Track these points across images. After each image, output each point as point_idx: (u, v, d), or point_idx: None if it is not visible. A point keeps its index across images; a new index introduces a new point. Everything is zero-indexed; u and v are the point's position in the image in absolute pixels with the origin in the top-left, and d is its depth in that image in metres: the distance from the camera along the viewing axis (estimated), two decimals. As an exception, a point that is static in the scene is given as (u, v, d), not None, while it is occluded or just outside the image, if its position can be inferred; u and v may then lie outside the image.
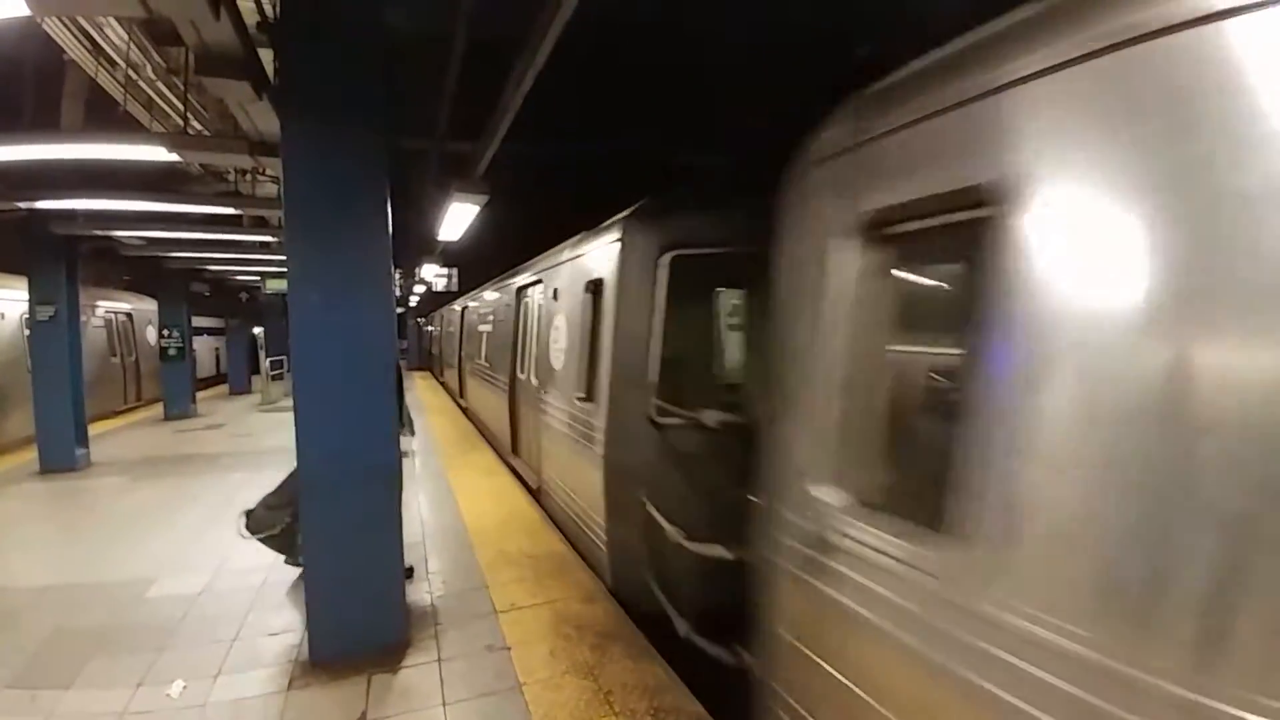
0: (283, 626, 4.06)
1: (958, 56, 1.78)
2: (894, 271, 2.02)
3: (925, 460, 1.90)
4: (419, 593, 4.49)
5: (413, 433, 5.17)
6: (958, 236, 1.71)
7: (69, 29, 4.33)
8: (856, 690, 1.87)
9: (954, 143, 1.68)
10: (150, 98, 5.56)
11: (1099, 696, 1.24)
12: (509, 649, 3.77)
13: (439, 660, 3.66)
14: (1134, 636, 1.21)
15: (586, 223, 5.35)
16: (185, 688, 3.41)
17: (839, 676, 1.95)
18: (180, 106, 5.14)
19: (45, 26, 4.19)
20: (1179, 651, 1.15)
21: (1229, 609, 1.10)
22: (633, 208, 4.50)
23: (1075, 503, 1.32)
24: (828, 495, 2.05)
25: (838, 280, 2.07)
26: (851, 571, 1.90)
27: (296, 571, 4.51)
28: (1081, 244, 1.35)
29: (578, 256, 5.41)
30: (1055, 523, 1.36)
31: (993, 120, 1.57)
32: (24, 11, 2.69)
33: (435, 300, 24.42)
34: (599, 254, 4.81)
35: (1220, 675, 1.10)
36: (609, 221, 4.80)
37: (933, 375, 2.17)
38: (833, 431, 2.07)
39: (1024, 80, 1.49)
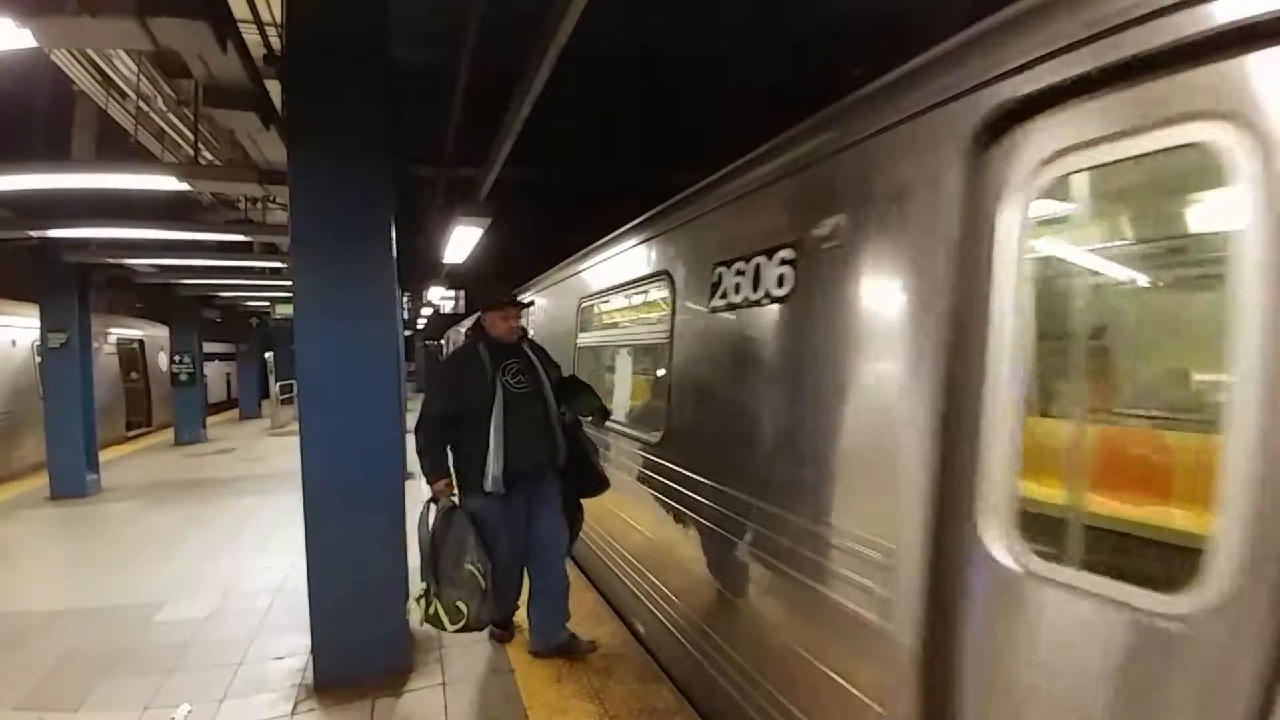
0: (288, 650, 4.06)
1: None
2: None
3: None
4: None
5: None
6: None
7: (78, 61, 4.46)
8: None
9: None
10: (161, 128, 5.69)
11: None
12: (513, 672, 3.75)
13: (443, 684, 3.65)
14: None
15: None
16: (191, 711, 3.41)
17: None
18: (191, 137, 5.25)
19: (54, 58, 4.31)
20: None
21: None
22: None
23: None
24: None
25: None
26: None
27: (303, 596, 4.51)
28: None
29: None
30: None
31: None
32: (32, 43, 2.77)
33: (445, 321, 24.54)
34: None
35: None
36: None
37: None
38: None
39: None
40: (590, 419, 4.10)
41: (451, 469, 3.67)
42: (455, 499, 3.59)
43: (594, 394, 4.15)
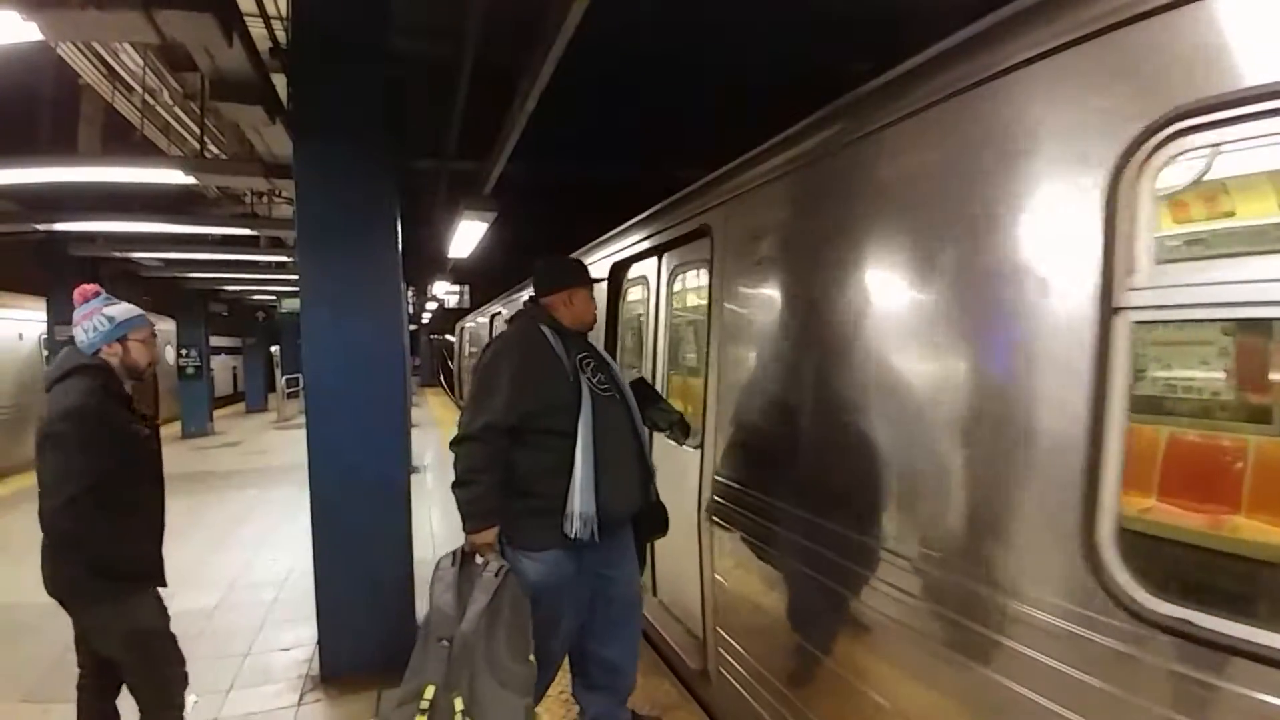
0: (294, 642, 4.09)
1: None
2: None
3: None
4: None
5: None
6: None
7: (84, 55, 4.46)
8: None
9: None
10: (167, 122, 5.70)
11: None
12: (518, 664, 3.77)
13: (448, 675, 3.66)
14: None
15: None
16: (197, 702, 3.42)
17: None
18: (197, 130, 5.26)
19: (60, 52, 4.32)
20: None
21: None
22: None
23: None
24: None
25: None
26: None
27: (308, 588, 4.52)
28: None
29: None
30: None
31: None
32: (38, 37, 2.78)
33: (449, 316, 24.66)
34: None
35: None
36: None
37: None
38: None
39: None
40: (668, 433, 3.05)
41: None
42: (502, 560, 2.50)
43: (667, 401, 3.25)
